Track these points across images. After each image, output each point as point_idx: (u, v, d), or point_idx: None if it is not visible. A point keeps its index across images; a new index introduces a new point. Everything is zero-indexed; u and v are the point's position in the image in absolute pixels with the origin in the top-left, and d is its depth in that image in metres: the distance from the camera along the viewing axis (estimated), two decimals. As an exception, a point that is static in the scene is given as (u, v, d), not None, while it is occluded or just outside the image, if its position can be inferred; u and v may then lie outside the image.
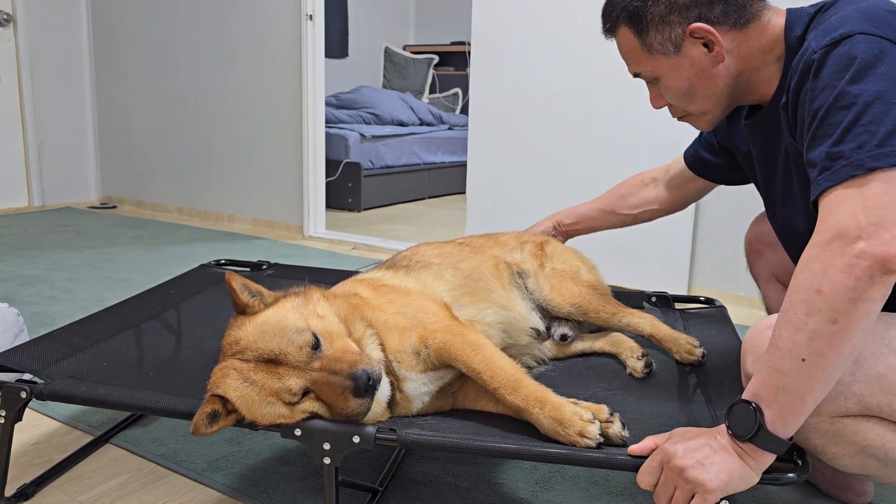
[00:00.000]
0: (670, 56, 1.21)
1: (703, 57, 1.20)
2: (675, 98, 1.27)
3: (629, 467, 1.06)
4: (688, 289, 3.03)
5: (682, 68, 1.22)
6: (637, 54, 1.25)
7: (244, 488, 1.45)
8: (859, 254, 0.91)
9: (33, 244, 3.72)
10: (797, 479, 1.02)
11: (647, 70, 1.26)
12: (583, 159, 3.14)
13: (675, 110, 1.32)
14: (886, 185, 0.93)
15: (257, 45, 4.30)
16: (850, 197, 0.95)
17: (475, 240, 1.69)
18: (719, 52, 1.18)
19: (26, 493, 1.41)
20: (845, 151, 0.97)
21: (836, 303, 0.92)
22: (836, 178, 0.97)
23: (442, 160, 6.07)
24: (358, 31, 7.01)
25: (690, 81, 1.23)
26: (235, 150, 4.54)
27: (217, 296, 1.98)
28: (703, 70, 1.21)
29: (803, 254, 0.98)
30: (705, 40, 1.18)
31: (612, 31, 1.28)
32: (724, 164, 1.57)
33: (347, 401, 1.09)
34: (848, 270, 0.91)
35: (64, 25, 4.90)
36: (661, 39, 1.20)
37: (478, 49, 3.37)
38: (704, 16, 1.17)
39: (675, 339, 1.53)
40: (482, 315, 1.42)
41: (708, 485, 0.98)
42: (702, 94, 1.24)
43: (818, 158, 1.01)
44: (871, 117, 0.96)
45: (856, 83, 0.99)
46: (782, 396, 0.97)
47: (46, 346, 1.52)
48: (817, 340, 0.94)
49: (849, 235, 0.92)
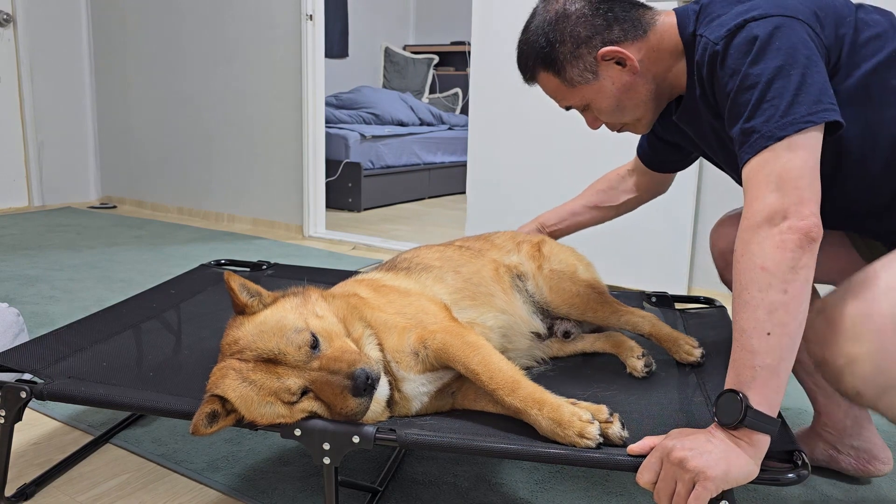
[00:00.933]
0: (591, 83, 1.31)
1: (620, 74, 1.30)
2: (609, 116, 1.37)
3: (629, 467, 1.06)
4: (688, 289, 3.03)
5: (605, 90, 1.32)
6: (562, 91, 1.36)
7: (244, 488, 1.45)
8: (787, 230, 1.03)
9: (33, 244, 3.72)
10: (797, 479, 1.02)
11: (576, 101, 1.37)
12: (583, 159, 3.14)
13: (612, 126, 1.42)
14: (796, 152, 1.05)
15: (257, 45, 4.30)
16: (769, 171, 1.06)
17: (472, 242, 1.69)
18: (632, 65, 1.28)
19: (26, 492, 1.41)
20: (756, 125, 1.09)
21: (781, 274, 1.03)
22: (753, 151, 1.09)
23: (442, 160, 6.07)
24: (358, 31, 7.01)
25: (617, 98, 1.33)
26: (235, 150, 4.54)
27: (217, 296, 1.98)
28: (624, 84, 1.31)
29: (738, 239, 1.08)
30: (616, 59, 1.28)
31: (533, 78, 1.38)
32: (668, 154, 1.66)
33: (346, 400, 1.09)
34: (782, 245, 1.03)
35: (64, 25, 4.90)
36: (578, 72, 1.31)
37: (478, 49, 3.37)
38: (607, 39, 1.28)
39: (674, 339, 1.53)
40: (482, 319, 1.42)
41: (708, 472, 0.98)
42: (630, 105, 1.34)
43: (736, 135, 1.13)
44: (774, 92, 1.08)
45: (756, 64, 1.10)
46: (759, 374, 1.03)
47: (46, 346, 1.52)
48: (776, 312, 1.02)
49: (776, 216, 1.04)
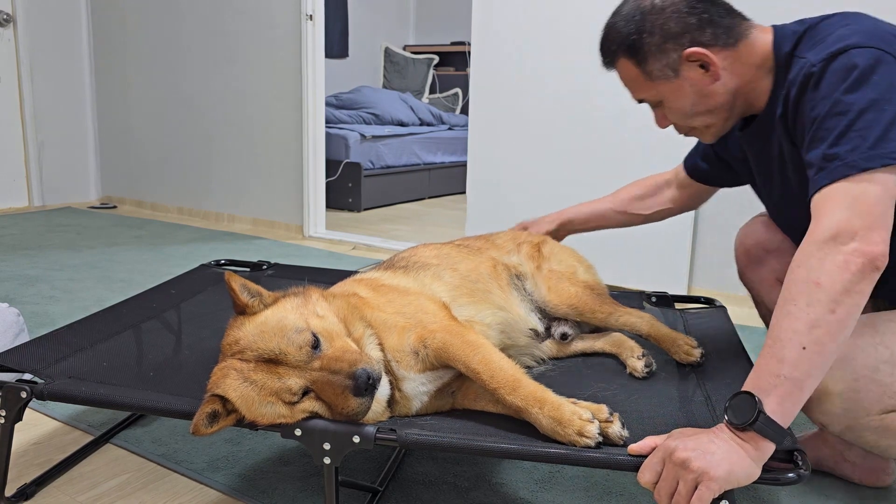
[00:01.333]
0: (671, 80, 1.29)
1: (700, 77, 1.28)
2: (680, 118, 1.35)
3: (629, 467, 1.06)
4: (688, 289, 3.03)
5: (682, 90, 1.30)
6: (639, 82, 1.33)
7: (244, 488, 1.45)
8: (853, 252, 1.02)
9: (33, 244, 3.72)
10: (797, 479, 1.02)
11: (650, 95, 1.34)
12: (583, 159, 3.14)
13: (680, 128, 1.40)
14: (876, 185, 1.04)
15: (257, 45, 4.30)
16: (844, 195, 1.05)
17: (472, 241, 1.69)
18: (715, 71, 1.26)
19: (26, 492, 1.41)
20: (840, 153, 1.07)
21: (834, 294, 1.01)
22: (831, 177, 1.07)
23: (442, 160, 6.07)
24: (358, 31, 7.01)
25: (692, 100, 1.31)
26: (236, 150, 4.54)
27: (217, 296, 1.98)
28: (703, 89, 1.29)
29: (800, 250, 1.06)
30: (701, 62, 1.26)
31: (612, 63, 1.36)
32: (719, 171, 1.64)
33: (348, 400, 1.09)
34: (844, 266, 1.01)
35: (64, 25, 4.90)
36: (660, 66, 1.28)
37: (478, 49, 3.37)
38: (697, 40, 1.25)
39: (673, 340, 1.52)
40: (480, 316, 1.42)
41: (711, 472, 0.98)
42: (703, 110, 1.32)
43: (815, 159, 1.11)
44: (864, 123, 1.06)
45: (851, 92, 1.09)
46: (782, 384, 1.02)
47: (46, 346, 1.52)
48: (818, 329, 1.01)
49: (844, 235, 1.03)
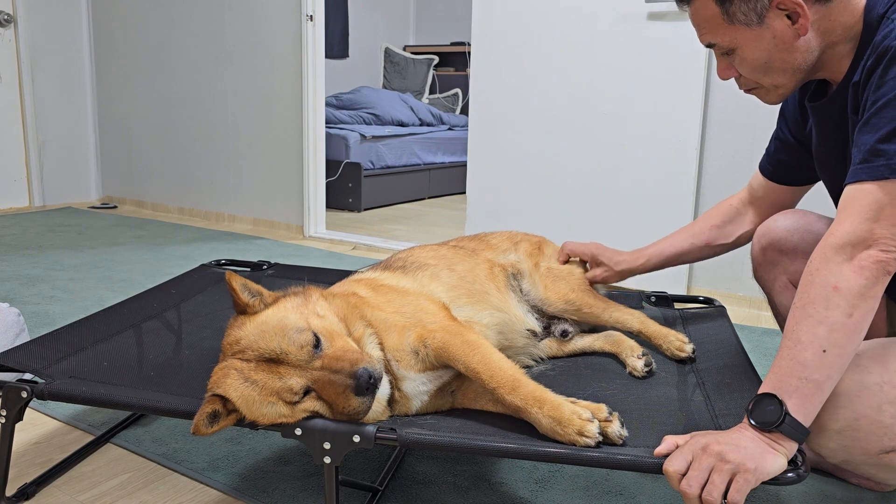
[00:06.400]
0: (752, 27, 1.18)
1: (785, 29, 1.17)
2: (750, 70, 1.24)
3: (629, 466, 1.06)
4: (687, 289, 3.03)
5: (762, 40, 1.18)
6: (716, 23, 1.21)
7: (244, 488, 1.45)
8: (869, 257, 1.04)
9: (34, 244, 3.72)
10: (797, 479, 1.02)
11: (724, 40, 1.22)
12: (582, 160, 3.15)
13: (744, 82, 1.29)
14: None
15: (257, 45, 4.30)
16: (874, 200, 1.04)
17: (466, 242, 1.69)
18: (803, 24, 1.15)
19: (27, 492, 1.41)
20: (888, 150, 1.04)
21: (851, 298, 1.03)
22: (870, 175, 1.05)
23: (442, 160, 6.07)
24: (358, 32, 7.01)
25: (769, 54, 1.20)
26: (236, 151, 4.54)
27: (217, 296, 1.98)
28: (785, 43, 1.18)
29: (819, 252, 1.07)
30: (790, 12, 1.15)
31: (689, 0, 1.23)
32: (800, 158, 1.50)
33: (349, 399, 1.09)
34: (860, 272, 1.04)
35: (64, 25, 4.90)
36: (745, 9, 1.16)
37: (478, 50, 3.37)
38: None
39: (664, 336, 1.53)
40: (479, 316, 1.42)
41: (748, 464, 0.99)
42: (778, 67, 1.21)
43: (863, 147, 1.07)
44: None
45: None
46: (805, 386, 1.04)
47: (47, 346, 1.52)
48: (837, 332, 1.03)
49: (864, 242, 1.04)
